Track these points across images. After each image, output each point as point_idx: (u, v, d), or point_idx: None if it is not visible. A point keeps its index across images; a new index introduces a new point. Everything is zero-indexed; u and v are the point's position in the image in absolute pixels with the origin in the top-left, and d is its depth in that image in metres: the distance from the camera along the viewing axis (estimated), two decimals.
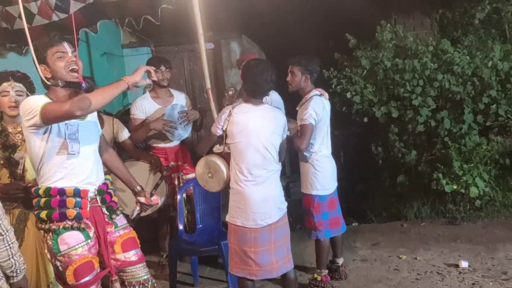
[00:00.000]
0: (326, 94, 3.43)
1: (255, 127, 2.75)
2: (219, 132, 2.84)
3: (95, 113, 2.54)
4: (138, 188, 2.73)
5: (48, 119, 2.19)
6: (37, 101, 2.21)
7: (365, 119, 5.61)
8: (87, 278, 2.32)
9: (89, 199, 2.39)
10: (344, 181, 6.34)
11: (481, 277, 3.50)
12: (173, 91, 4.02)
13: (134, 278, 2.51)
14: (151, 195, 2.75)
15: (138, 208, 2.78)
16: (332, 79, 5.59)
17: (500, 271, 3.56)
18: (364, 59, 5.43)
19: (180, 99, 3.97)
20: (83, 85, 2.30)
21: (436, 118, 5.20)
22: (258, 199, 2.73)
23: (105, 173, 2.60)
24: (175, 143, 3.93)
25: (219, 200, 3.69)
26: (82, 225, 2.35)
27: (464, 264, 3.68)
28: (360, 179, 6.52)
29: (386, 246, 4.25)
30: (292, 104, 3.54)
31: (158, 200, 2.77)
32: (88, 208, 2.38)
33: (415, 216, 4.92)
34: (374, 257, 4.04)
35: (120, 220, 2.57)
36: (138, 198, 2.73)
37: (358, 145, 6.65)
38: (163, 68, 3.78)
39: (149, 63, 3.88)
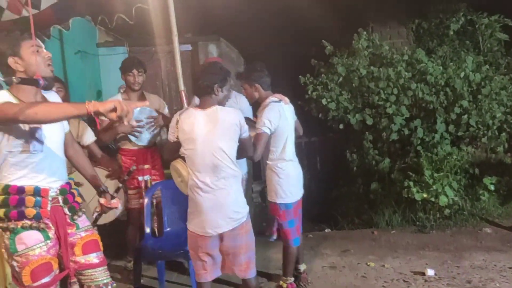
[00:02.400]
0: (286, 99, 3.32)
1: (200, 134, 2.64)
2: (173, 139, 2.77)
3: None
4: (103, 188, 2.68)
5: None
6: None
7: (341, 126, 5.64)
8: (44, 280, 2.25)
9: (50, 199, 2.33)
10: (320, 186, 6.40)
11: (446, 285, 3.53)
12: (147, 94, 3.90)
13: (93, 281, 2.45)
14: (112, 197, 2.70)
15: (98, 209, 2.73)
16: (308, 85, 5.61)
17: (464, 279, 3.60)
18: (340, 66, 5.47)
19: (152, 103, 3.82)
20: (41, 82, 2.20)
21: (410, 127, 5.26)
22: (207, 208, 2.64)
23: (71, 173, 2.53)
24: (145, 145, 3.85)
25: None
26: (42, 225, 2.28)
27: (430, 272, 3.71)
28: (335, 185, 6.56)
29: (355, 253, 4.26)
30: None
31: (118, 203, 2.71)
32: (48, 208, 2.31)
33: (386, 224, 4.95)
34: (343, 264, 4.04)
35: (83, 221, 2.51)
36: (99, 198, 2.68)
37: (334, 152, 6.69)
38: (135, 71, 3.68)
39: (122, 64, 3.82)
